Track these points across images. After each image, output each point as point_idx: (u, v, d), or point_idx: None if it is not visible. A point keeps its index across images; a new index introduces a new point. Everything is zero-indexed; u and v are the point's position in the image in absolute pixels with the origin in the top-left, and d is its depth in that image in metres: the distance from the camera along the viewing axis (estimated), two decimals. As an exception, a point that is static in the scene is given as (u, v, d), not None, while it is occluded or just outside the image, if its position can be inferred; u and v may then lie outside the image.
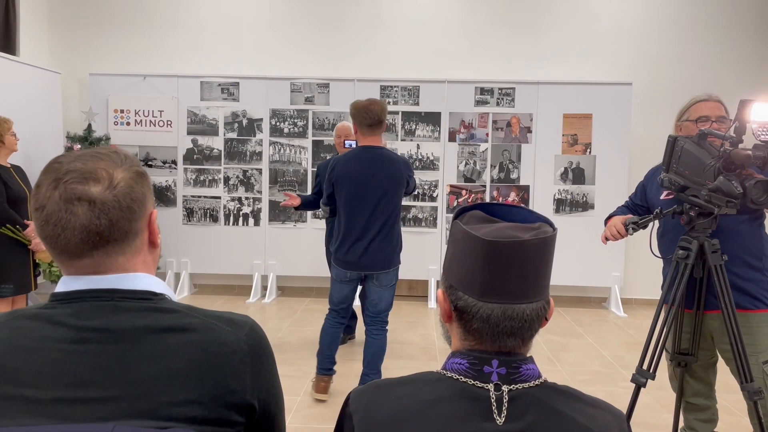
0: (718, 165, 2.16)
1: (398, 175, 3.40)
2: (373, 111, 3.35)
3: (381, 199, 3.38)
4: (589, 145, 6.10)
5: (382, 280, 3.49)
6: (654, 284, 6.26)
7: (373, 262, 3.42)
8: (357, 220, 3.41)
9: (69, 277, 0.95)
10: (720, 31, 6.32)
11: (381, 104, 3.40)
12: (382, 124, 3.42)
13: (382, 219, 3.40)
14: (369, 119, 3.36)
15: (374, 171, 3.38)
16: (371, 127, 3.39)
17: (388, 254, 3.44)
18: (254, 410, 0.96)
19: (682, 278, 2.33)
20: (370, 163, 3.38)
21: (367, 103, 3.38)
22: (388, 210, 3.41)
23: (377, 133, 3.43)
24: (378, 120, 3.38)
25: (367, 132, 3.41)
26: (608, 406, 0.97)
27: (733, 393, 3.78)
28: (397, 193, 3.43)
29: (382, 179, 3.37)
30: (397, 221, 3.47)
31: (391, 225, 3.44)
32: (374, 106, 3.36)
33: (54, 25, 6.60)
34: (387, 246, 3.43)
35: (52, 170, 0.94)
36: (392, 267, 3.50)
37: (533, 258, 0.92)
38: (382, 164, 3.39)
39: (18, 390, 0.86)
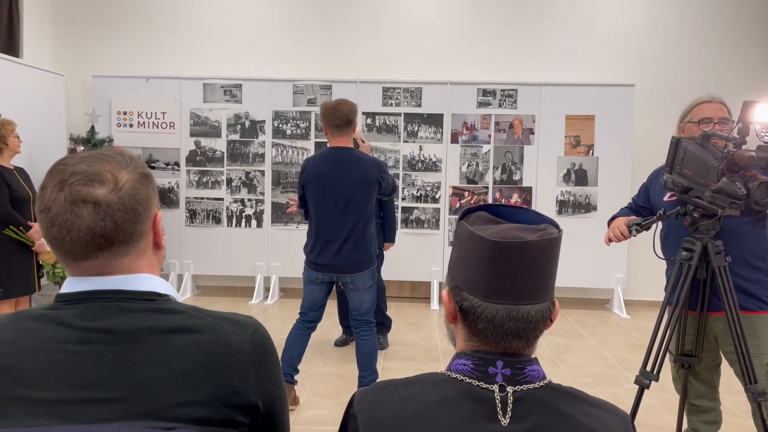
0: (721, 166, 2.15)
1: (368, 176, 3.33)
2: (341, 111, 3.30)
3: (350, 201, 3.32)
4: (591, 147, 6.10)
5: (357, 283, 3.41)
6: (657, 286, 6.25)
7: (346, 265, 3.36)
8: (327, 222, 3.36)
9: (74, 278, 0.95)
10: (723, 32, 6.31)
11: (350, 105, 3.35)
12: (350, 124, 3.35)
13: (352, 221, 3.34)
14: (337, 120, 3.31)
15: (342, 172, 3.32)
16: (339, 128, 3.33)
17: (361, 257, 3.37)
18: (259, 411, 0.96)
19: (686, 280, 2.32)
20: (338, 165, 3.33)
21: (335, 103, 3.33)
22: (359, 212, 3.34)
23: (346, 134, 3.37)
24: (346, 120, 3.32)
25: (335, 133, 3.35)
26: (613, 408, 0.96)
27: (737, 395, 3.77)
28: (367, 195, 3.35)
29: (351, 181, 3.31)
30: (369, 223, 3.40)
31: (363, 227, 3.37)
32: (342, 106, 3.31)
33: (57, 28, 6.61)
34: (359, 248, 3.36)
35: (58, 172, 0.94)
36: (367, 269, 3.42)
37: (538, 259, 0.92)
38: (351, 165, 3.32)
39: (23, 390, 0.86)
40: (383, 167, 3.43)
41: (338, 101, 3.34)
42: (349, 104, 3.34)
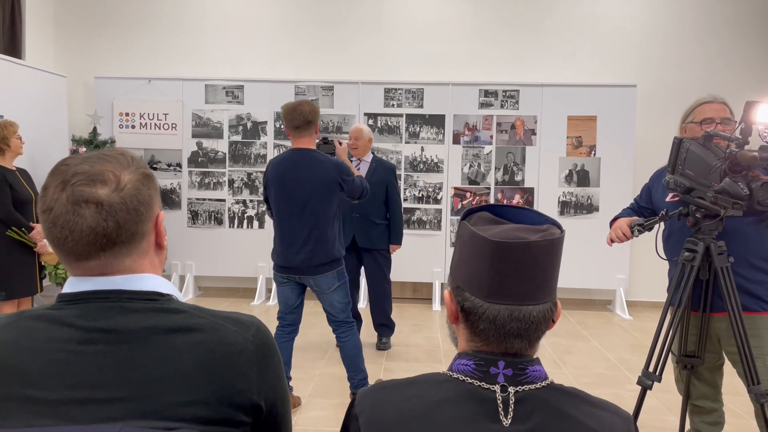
0: (724, 167, 2.15)
1: (326, 177, 3.28)
2: (299, 112, 3.26)
3: (308, 203, 3.28)
4: (593, 147, 6.10)
5: (321, 286, 3.37)
6: (659, 286, 6.22)
7: (306, 267, 3.32)
8: (286, 224, 3.34)
9: (76, 278, 0.95)
10: (725, 32, 6.31)
11: (310, 106, 3.31)
12: (310, 125, 3.30)
13: (311, 223, 3.29)
14: (294, 121, 3.27)
15: (300, 174, 3.28)
16: (298, 129, 3.29)
17: (321, 258, 3.32)
18: (261, 410, 0.96)
19: (688, 280, 2.32)
20: (297, 166, 3.29)
21: (295, 104, 3.30)
22: (318, 213, 3.29)
23: (306, 135, 3.32)
24: (305, 121, 3.27)
25: (295, 134, 3.32)
26: (616, 408, 0.96)
27: (740, 395, 3.76)
28: (326, 197, 3.30)
29: (309, 182, 3.27)
30: (330, 225, 3.34)
31: (323, 229, 3.31)
32: (302, 107, 3.27)
33: (59, 29, 6.63)
34: (319, 250, 3.31)
35: (60, 172, 0.94)
36: (328, 271, 3.36)
37: (540, 259, 0.92)
38: (309, 167, 3.29)
39: (25, 391, 0.86)
40: (346, 169, 3.35)
41: (298, 102, 3.31)
42: (310, 105, 3.31)
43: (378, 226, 4.63)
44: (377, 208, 4.61)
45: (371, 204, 4.57)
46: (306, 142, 3.34)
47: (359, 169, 4.65)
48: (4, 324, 0.93)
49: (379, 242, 4.64)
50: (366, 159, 4.66)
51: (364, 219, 4.58)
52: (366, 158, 4.66)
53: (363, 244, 4.61)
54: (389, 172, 4.68)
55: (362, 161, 4.65)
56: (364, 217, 4.58)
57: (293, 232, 3.33)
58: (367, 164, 4.65)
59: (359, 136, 4.61)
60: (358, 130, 4.64)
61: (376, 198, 4.59)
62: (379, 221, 4.62)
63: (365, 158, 4.66)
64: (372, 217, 4.59)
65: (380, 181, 4.61)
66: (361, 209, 4.56)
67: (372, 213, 4.59)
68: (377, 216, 4.61)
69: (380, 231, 4.64)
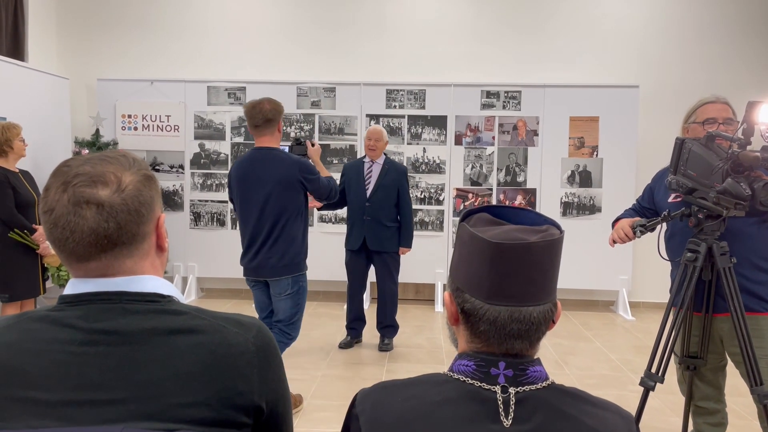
0: (726, 167, 2.15)
1: (286, 176, 3.19)
2: (259, 110, 3.18)
3: (267, 202, 3.21)
4: (595, 148, 6.09)
5: (275, 288, 3.30)
6: (662, 287, 6.22)
7: (261, 268, 3.26)
8: (247, 224, 3.28)
9: (77, 280, 0.96)
10: (727, 32, 6.30)
11: (271, 104, 3.22)
12: (270, 123, 3.22)
13: (269, 223, 3.22)
14: (254, 119, 3.20)
15: (260, 173, 3.21)
16: (258, 128, 3.23)
17: (279, 261, 3.24)
18: (262, 412, 0.96)
19: (691, 281, 2.32)
20: (257, 165, 3.23)
21: (255, 102, 3.22)
22: (276, 214, 3.22)
23: (267, 134, 3.25)
24: (265, 120, 3.19)
25: (255, 132, 3.26)
26: (617, 408, 0.96)
27: (743, 396, 3.76)
28: (286, 196, 3.21)
29: (267, 181, 3.20)
30: (289, 226, 3.25)
31: (282, 230, 3.23)
32: (261, 105, 3.20)
33: (62, 31, 6.64)
34: (277, 252, 3.23)
35: (61, 173, 0.94)
36: (285, 275, 3.27)
37: (540, 260, 0.92)
38: (268, 165, 3.20)
39: (26, 392, 0.86)
40: (308, 168, 3.26)
41: (260, 100, 3.24)
42: (272, 103, 3.23)
43: (389, 229, 4.62)
44: (388, 210, 4.60)
45: (382, 207, 4.57)
46: (267, 141, 3.26)
47: (371, 171, 4.64)
48: (6, 325, 0.93)
49: (389, 245, 4.64)
50: (378, 161, 4.65)
51: (374, 222, 4.57)
52: (378, 160, 4.65)
53: (373, 246, 4.61)
54: (401, 174, 4.67)
55: (375, 163, 4.64)
56: (375, 219, 4.57)
57: (253, 232, 3.27)
58: (380, 166, 4.64)
59: (380, 138, 4.60)
60: (378, 132, 4.62)
61: (387, 200, 4.59)
62: (389, 224, 4.61)
63: (378, 160, 4.65)
64: (383, 219, 4.58)
65: (392, 184, 4.60)
66: (372, 212, 4.56)
67: (382, 216, 4.58)
68: (388, 219, 4.60)
69: (390, 233, 4.63)
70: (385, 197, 4.59)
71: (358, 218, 4.60)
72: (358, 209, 4.61)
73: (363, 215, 4.57)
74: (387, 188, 4.58)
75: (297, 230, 3.30)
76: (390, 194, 4.59)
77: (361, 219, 4.58)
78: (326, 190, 3.36)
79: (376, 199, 4.58)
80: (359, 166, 4.69)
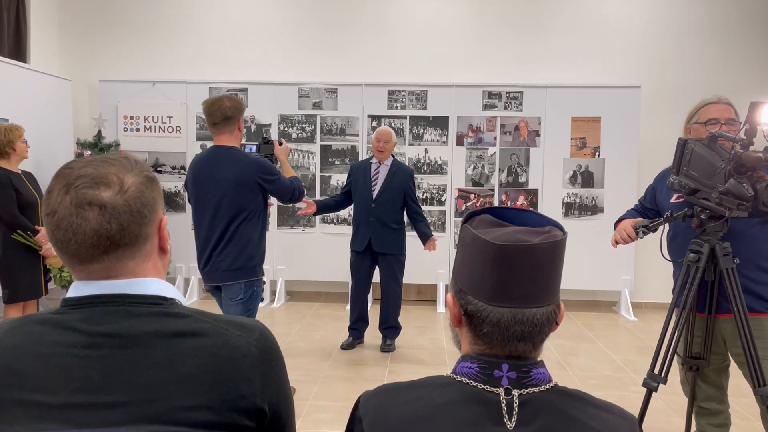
0: (728, 167, 2.14)
1: (241, 177, 3.05)
2: (217, 107, 3.06)
3: (220, 203, 3.05)
4: (597, 149, 6.08)
5: (227, 294, 3.12)
6: (664, 288, 6.21)
7: (213, 272, 3.10)
8: (201, 226, 3.15)
9: (80, 282, 0.96)
10: (729, 32, 6.29)
11: (231, 101, 3.10)
12: (229, 121, 3.09)
13: (222, 225, 3.06)
14: (212, 117, 3.08)
15: (214, 172, 3.06)
16: (216, 126, 3.09)
17: (230, 264, 3.07)
18: (265, 415, 0.95)
19: (693, 282, 2.31)
20: (212, 164, 3.09)
21: (214, 99, 3.10)
22: (230, 215, 3.06)
23: (225, 132, 3.11)
24: (224, 117, 3.07)
25: (213, 131, 3.12)
26: (620, 410, 0.96)
27: (746, 397, 3.75)
28: (241, 197, 3.07)
29: (222, 181, 3.05)
30: (243, 228, 3.09)
31: (235, 232, 3.07)
32: (221, 102, 3.08)
33: (64, 33, 6.65)
34: (229, 255, 3.07)
35: (64, 175, 0.94)
36: (237, 279, 3.09)
37: (543, 262, 0.92)
38: (223, 165, 3.07)
39: (30, 395, 0.86)
40: (266, 168, 3.12)
41: (218, 97, 3.12)
42: (231, 101, 3.11)
43: (394, 231, 4.61)
44: (394, 212, 4.60)
45: (388, 208, 4.57)
46: (226, 140, 3.13)
47: (378, 173, 4.63)
48: (9, 328, 0.93)
49: (394, 247, 4.63)
50: (386, 162, 4.64)
51: (379, 223, 4.57)
52: (386, 162, 4.65)
53: (378, 248, 4.61)
54: (408, 177, 4.67)
55: (382, 164, 4.64)
56: (380, 221, 4.57)
57: (206, 235, 3.12)
58: (387, 168, 4.63)
59: (388, 139, 4.60)
60: (387, 133, 4.61)
61: (393, 203, 4.58)
62: (395, 226, 4.61)
63: (385, 162, 4.64)
64: (388, 221, 4.58)
65: (399, 186, 4.60)
66: (378, 213, 4.55)
67: (388, 218, 4.58)
68: (393, 221, 4.60)
69: (396, 235, 4.63)
70: (391, 199, 4.58)
71: (364, 219, 4.59)
72: (364, 210, 4.60)
73: (368, 217, 4.57)
74: (394, 190, 4.58)
75: (252, 233, 3.13)
76: (396, 196, 4.59)
77: (367, 220, 4.57)
78: (288, 191, 3.21)
79: (383, 200, 4.58)
80: (366, 167, 4.68)
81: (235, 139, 3.16)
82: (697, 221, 2.32)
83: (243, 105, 3.19)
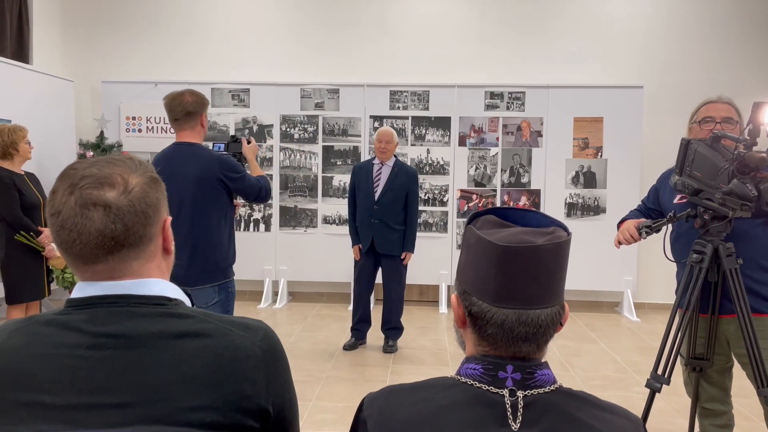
0: (732, 168, 2.14)
1: (203, 174, 2.89)
2: (179, 102, 2.94)
3: (183, 203, 2.88)
4: (600, 149, 6.08)
5: (199, 299, 2.95)
6: (667, 288, 6.20)
7: (183, 276, 2.87)
8: None
9: (84, 283, 0.96)
10: (732, 32, 6.28)
11: (193, 96, 2.97)
12: (191, 116, 2.95)
13: (186, 226, 2.89)
14: (174, 112, 2.96)
15: (176, 170, 2.88)
16: (178, 122, 2.97)
17: (199, 267, 2.91)
18: (269, 415, 0.95)
19: (697, 282, 2.31)
20: (173, 161, 2.92)
21: (176, 94, 2.98)
22: (195, 215, 2.90)
23: (187, 128, 2.97)
24: (186, 113, 2.94)
25: (175, 126, 3.00)
26: (625, 412, 0.96)
27: (750, 398, 3.74)
28: (205, 196, 2.91)
29: (183, 179, 2.88)
30: (213, 229, 2.94)
31: (202, 233, 2.91)
32: (183, 97, 2.95)
33: (66, 34, 6.66)
34: (197, 258, 2.90)
35: (68, 176, 0.94)
36: (208, 283, 2.95)
37: (548, 263, 0.92)
38: (185, 162, 2.91)
39: (34, 396, 0.86)
40: (230, 165, 2.97)
41: (181, 92, 2.99)
42: (194, 95, 2.98)
43: (397, 232, 4.61)
44: (396, 213, 4.59)
45: (390, 209, 4.56)
46: (188, 136, 2.99)
47: (381, 173, 4.62)
48: (14, 329, 0.93)
49: (397, 248, 4.63)
50: (388, 163, 4.64)
51: (382, 224, 4.57)
52: (388, 162, 4.64)
53: (381, 249, 4.60)
54: (411, 178, 4.65)
55: (384, 165, 4.63)
56: (383, 222, 4.56)
57: None
58: (390, 168, 4.63)
59: (390, 139, 4.59)
60: (389, 134, 4.60)
61: (395, 204, 4.58)
62: (398, 227, 4.60)
63: (387, 162, 4.64)
64: (391, 222, 4.57)
65: (401, 187, 4.59)
66: (380, 215, 4.55)
67: (391, 219, 4.57)
68: (396, 222, 4.59)
69: (399, 236, 4.62)
70: (393, 200, 4.57)
71: (366, 220, 4.59)
72: (366, 211, 4.60)
73: (371, 218, 4.56)
74: (396, 191, 4.57)
75: (221, 233, 2.98)
76: (399, 197, 4.58)
77: (369, 221, 4.57)
78: (254, 190, 3.07)
79: (385, 201, 4.57)
80: (369, 168, 4.67)
81: (197, 135, 3.03)
82: (700, 222, 2.31)
83: (206, 100, 3.07)
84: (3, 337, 0.93)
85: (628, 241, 2.53)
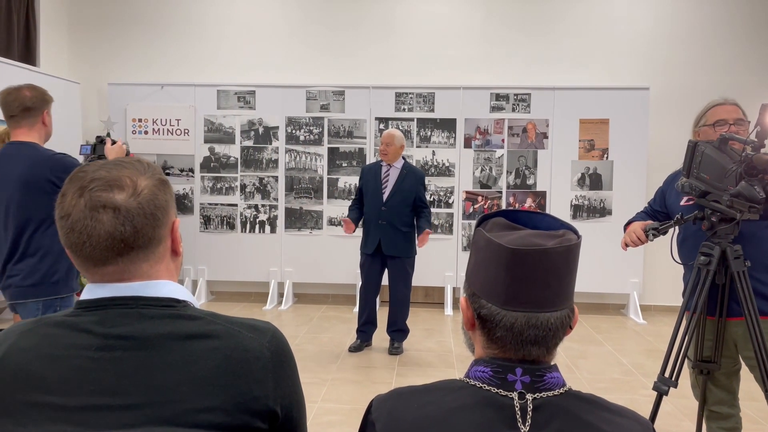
0: (739, 170, 2.13)
1: (31, 176, 2.62)
2: (15, 97, 2.68)
3: (9, 207, 2.64)
4: (606, 151, 6.06)
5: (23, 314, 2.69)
6: (673, 290, 6.19)
7: (6, 288, 2.66)
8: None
9: (94, 285, 0.96)
10: (737, 34, 6.26)
11: (32, 91, 2.71)
12: (29, 113, 2.70)
13: (12, 233, 2.64)
14: (9, 108, 2.69)
15: (4, 171, 2.66)
16: (14, 119, 2.70)
17: (23, 280, 2.64)
18: (277, 417, 0.96)
19: (704, 285, 2.30)
20: (2, 163, 2.68)
21: (12, 89, 2.71)
22: (20, 222, 2.63)
23: (24, 126, 2.70)
24: (23, 108, 2.68)
25: (11, 124, 2.72)
26: (634, 415, 0.95)
27: (757, 401, 3.72)
28: (32, 200, 2.63)
29: (9, 181, 2.64)
30: (39, 237, 2.66)
31: (29, 242, 2.64)
32: (21, 91, 2.69)
33: (73, 36, 6.69)
34: (23, 270, 2.64)
35: (77, 179, 0.95)
36: (31, 297, 2.65)
37: (557, 266, 0.91)
38: (15, 163, 2.65)
39: (44, 397, 0.87)
40: (64, 166, 2.69)
41: (18, 86, 2.73)
42: (34, 90, 2.73)
43: (404, 234, 4.60)
44: (404, 215, 4.59)
45: (398, 211, 4.56)
46: (24, 134, 2.71)
47: (388, 175, 4.62)
48: (24, 331, 0.94)
49: (404, 250, 4.63)
50: (396, 165, 4.64)
51: (389, 226, 4.57)
52: (396, 164, 4.64)
53: (388, 251, 4.60)
54: (419, 180, 4.66)
55: (392, 167, 4.64)
56: (390, 224, 4.56)
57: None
58: (398, 170, 4.63)
59: (390, 142, 4.59)
60: (389, 136, 4.61)
61: (403, 205, 4.58)
62: (405, 229, 4.60)
63: (395, 164, 4.64)
64: (398, 224, 4.57)
65: (409, 189, 4.59)
66: (387, 216, 4.55)
67: (398, 221, 4.57)
68: (403, 224, 4.59)
69: (406, 238, 4.62)
70: (401, 202, 4.58)
71: (374, 222, 4.60)
72: (374, 213, 4.60)
73: (378, 219, 4.57)
74: (404, 193, 4.57)
75: (51, 242, 2.68)
76: (406, 199, 4.58)
77: (377, 223, 4.57)
78: None
79: (392, 203, 4.58)
80: (377, 170, 4.68)
81: (36, 134, 2.75)
82: (707, 224, 2.30)
83: (48, 96, 2.79)
84: (13, 338, 0.93)
85: (635, 243, 2.52)
